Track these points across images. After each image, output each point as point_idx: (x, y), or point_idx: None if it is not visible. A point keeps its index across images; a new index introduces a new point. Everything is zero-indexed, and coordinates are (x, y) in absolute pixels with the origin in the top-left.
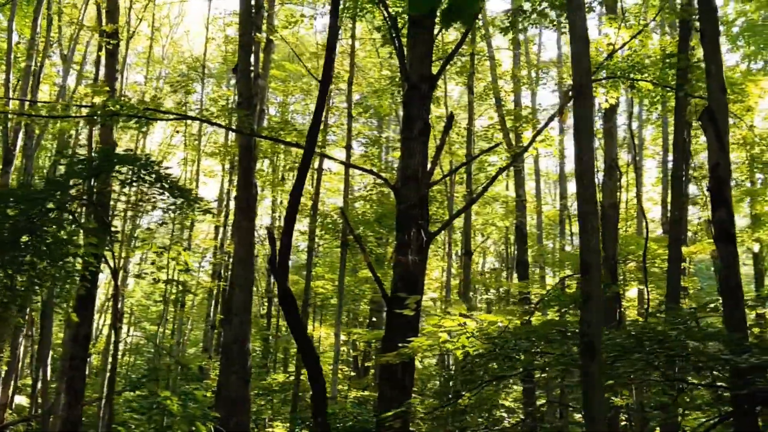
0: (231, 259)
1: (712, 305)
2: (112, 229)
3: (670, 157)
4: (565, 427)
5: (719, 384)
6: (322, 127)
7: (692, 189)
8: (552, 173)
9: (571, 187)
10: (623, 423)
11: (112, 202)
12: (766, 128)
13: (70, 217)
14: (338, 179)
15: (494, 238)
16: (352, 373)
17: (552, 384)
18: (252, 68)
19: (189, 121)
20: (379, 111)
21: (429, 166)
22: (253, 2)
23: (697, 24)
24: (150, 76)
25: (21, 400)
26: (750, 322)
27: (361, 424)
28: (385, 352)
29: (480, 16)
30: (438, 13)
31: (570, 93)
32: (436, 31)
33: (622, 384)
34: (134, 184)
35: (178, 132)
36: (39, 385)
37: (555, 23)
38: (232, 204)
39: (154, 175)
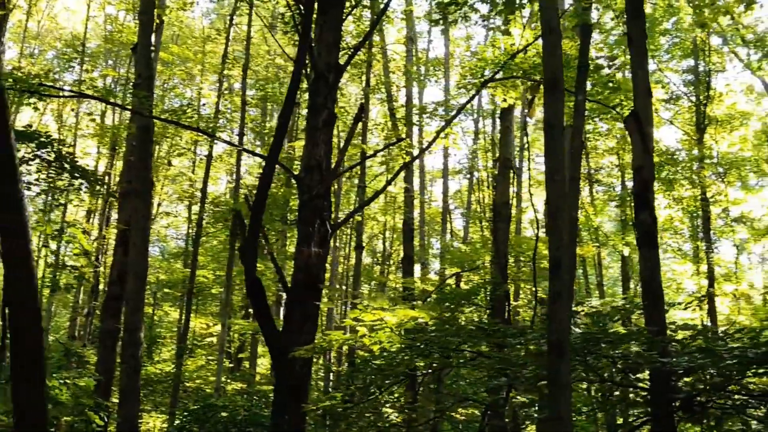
0: (109, 244)
1: (627, 307)
2: None
3: None
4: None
5: (643, 386)
6: (213, 112)
7: None
8: (431, 170)
9: (453, 185)
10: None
11: None
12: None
13: None
14: (220, 167)
15: (375, 231)
16: (230, 365)
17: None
18: (153, 48)
19: (62, 101)
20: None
21: (337, 156)
22: None
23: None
24: (24, 53)
25: None
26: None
27: (251, 417)
28: (286, 345)
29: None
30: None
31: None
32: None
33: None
34: (31, 163)
35: (75, 111)
36: None
37: (485, 17)
38: (113, 187)
39: (54, 154)
